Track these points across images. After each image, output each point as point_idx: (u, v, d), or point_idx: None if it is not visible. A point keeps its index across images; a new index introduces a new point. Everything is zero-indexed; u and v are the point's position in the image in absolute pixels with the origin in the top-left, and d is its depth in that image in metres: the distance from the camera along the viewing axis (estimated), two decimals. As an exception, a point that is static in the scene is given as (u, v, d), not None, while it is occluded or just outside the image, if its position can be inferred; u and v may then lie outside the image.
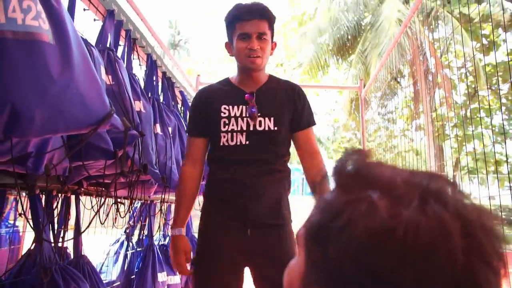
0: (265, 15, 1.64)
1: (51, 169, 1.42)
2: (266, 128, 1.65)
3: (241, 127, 1.64)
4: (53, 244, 1.75)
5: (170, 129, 2.43)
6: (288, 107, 1.71)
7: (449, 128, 4.90)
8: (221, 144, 1.65)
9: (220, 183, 1.67)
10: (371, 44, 11.52)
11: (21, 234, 3.55)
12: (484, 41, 11.31)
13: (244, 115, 1.65)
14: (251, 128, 1.64)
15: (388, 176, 0.45)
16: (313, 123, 1.77)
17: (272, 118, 1.66)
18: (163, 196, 2.39)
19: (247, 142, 1.63)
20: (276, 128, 1.65)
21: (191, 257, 1.67)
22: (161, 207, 2.85)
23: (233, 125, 1.64)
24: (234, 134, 1.64)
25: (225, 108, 1.67)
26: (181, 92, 3.38)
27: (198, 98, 1.78)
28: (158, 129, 2.21)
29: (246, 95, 1.67)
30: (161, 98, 2.75)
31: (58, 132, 0.98)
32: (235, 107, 1.67)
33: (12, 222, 4.14)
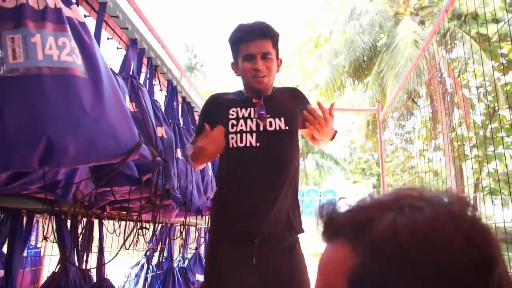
0: (268, 34, 1.62)
1: (81, 198, 1.47)
2: (277, 128, 1.62)
3: (250, 127, 1.61)
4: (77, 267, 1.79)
5: (190, 153, 2.47)
6: (296, 106, 1.71)
7: (469, 148, 4.86)
8: (230, 146, 1.61)
9: (228, 199, 1.63)
10: (387, 65, 11.54)
11: (42, 255, 3.59)
12: (503, 60, 11.22)
13: (252, 116, 1.63)
14: (261, 129, 1.61)
15: (383, 199, 0.51)
16: None
17: (282, 118, 1.64)
18: (184, 219, 2.41)
19: (258, 144, 1.59)
20: (287, 128, 1.63)
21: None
22: (181, 230, 2.87)
23: (241, 126, 1.62)
24: (244, 134, 1.61)
25: (233, 111, 1.65)
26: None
27: (207, 103, 1.79)
28: (179, 153, 2.25)
29: (253, 99, 1.66)
30: (181, 122, 2.80)
31: (89, 162, 1.02)
32: (243, 109, 1.65)
33: (33, 243, 4.22)
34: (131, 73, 1.99)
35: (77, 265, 1.80)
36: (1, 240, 1.59)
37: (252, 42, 1.60)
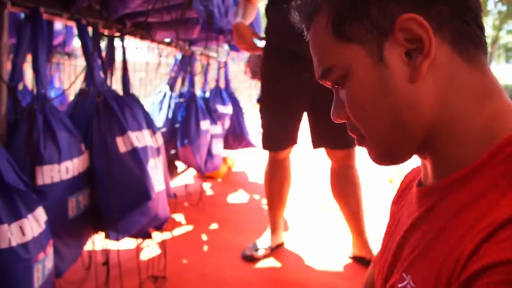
0: None
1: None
2: None
3: None
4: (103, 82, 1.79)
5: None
6: None
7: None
8: None
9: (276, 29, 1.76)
10: None
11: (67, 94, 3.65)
12: None
13: None
14: None
15: None
16: None
17: None
18: (205, 41, 2.35)
19: None
20: None
21: (257, 35, 1.80)
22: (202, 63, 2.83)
23: None
24: None
25: None
26: None
27: None
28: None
29: None
30: None
31: None
32: None
33: (57, 86, 4.33)
34: None
35: (102, 75, 1.79)
36: (24, 45, 1.55)
37: None
